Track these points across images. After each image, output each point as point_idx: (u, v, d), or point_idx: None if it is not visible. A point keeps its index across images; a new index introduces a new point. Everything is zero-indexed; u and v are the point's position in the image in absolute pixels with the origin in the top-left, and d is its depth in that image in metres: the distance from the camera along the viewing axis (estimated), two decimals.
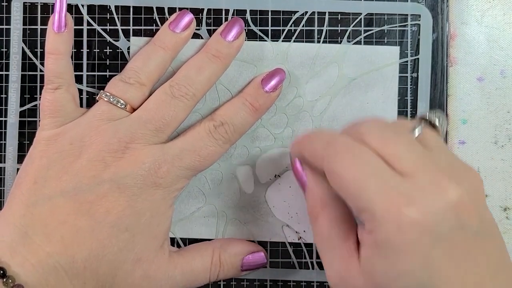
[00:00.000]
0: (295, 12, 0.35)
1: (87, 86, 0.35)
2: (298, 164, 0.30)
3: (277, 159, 0.35)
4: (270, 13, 0.35)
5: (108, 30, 0.35)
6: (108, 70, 0.35)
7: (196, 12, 0.35)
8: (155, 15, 0.35)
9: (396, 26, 0.35)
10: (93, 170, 0.30)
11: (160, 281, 0.32)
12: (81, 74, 0.35)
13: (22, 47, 0.35)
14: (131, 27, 0.35)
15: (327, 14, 0.35)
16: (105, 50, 0.35)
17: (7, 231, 0.30)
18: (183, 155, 0.32)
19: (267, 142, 0.35)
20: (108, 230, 0.30)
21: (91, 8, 0.35)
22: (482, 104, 0.36)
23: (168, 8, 0.35)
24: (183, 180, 0.32)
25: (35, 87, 0.35)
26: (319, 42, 0.35)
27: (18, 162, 0.35)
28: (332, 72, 0.35)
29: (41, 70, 0.35)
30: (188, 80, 0.33)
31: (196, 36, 0.35)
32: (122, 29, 0.35)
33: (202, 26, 0.35)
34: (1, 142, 0.35)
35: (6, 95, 0.35)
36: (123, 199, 0.30)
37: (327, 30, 0.35)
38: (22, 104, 0.35)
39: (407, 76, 0.35)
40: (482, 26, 0.36)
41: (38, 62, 0.35)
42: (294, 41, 0.35)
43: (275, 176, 0.35)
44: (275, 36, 0.35)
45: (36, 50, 0.35)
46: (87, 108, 0.33)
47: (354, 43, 0.35)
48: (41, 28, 0.35)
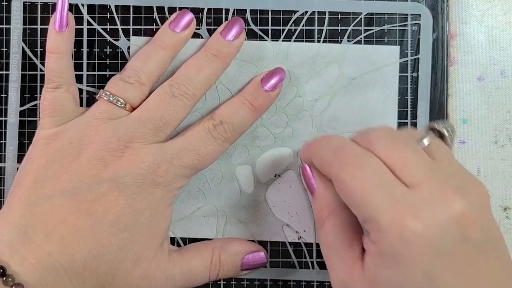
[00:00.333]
0: (295, 12, 0.35)
1: (87, 86, 0.35)
2: (307, 169, 0.30)
3: (277, 159, 0.35)
4: (270, 12, 0.35)
5: (108, 30, 0.35)
6: (108, 70, 0.35)
7: (196, 11, 0.35)
8: (155, 15, 0.35)
9: (396, 26, 0.35)
10: (92, 169, 0.30)
11: (160, 280, 0.32)
12: (81, 74, 0.35)
13: (22, 47, 0.35)
14: (131, 27, 0.35)
15: (327, 13, 0.35)
16: (105, 50, 0.35)
17: (6, 230, 0.30)
18: (182, 154, 0.32)
19: (267, 142, 0.35)
20: (107, 229, 0.30)
21: (91, 8, 0.35)
22: (482, 103, 0.36)
23: (168, 7, 0.35)
24: (182, 179, 0.32)
25: (35, 86, 0.35)
26: (319, 41, 0.35)
27: (18, 162, 0.35)
28: (332, 71, 0.35)
29: (41, 70, 0.35)
30: (188, 79, 0.33)
31: (196, 35, 0.35)
32: (122, 28, 0.35)
33: (202, 26, 0.35)
34: (1, 141, 0.35)
35: (6, 95, 0.35)
36: (123, 198, 0.30)
37: (327, 29, 0.35)
38: (22, 104, 0.35)
39: (407, 76, 0.35)
40: (482, 26, 0.36)
41: (38, 62, 0.35)
42: (294, 40, 0.35)
43: (275, 176, 0.35)
44: (275, 35, 0.35)
45: (36, 49, 0.35)
46: (87, 108, 0.33)
47: (354, 43, 0.35)
48: (41, 28, 0.35)
